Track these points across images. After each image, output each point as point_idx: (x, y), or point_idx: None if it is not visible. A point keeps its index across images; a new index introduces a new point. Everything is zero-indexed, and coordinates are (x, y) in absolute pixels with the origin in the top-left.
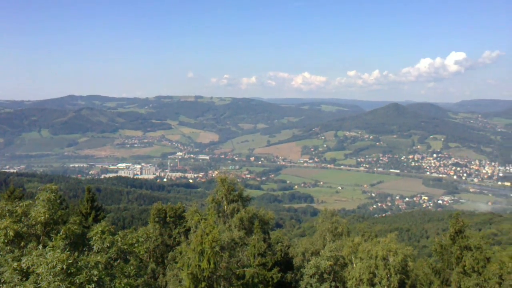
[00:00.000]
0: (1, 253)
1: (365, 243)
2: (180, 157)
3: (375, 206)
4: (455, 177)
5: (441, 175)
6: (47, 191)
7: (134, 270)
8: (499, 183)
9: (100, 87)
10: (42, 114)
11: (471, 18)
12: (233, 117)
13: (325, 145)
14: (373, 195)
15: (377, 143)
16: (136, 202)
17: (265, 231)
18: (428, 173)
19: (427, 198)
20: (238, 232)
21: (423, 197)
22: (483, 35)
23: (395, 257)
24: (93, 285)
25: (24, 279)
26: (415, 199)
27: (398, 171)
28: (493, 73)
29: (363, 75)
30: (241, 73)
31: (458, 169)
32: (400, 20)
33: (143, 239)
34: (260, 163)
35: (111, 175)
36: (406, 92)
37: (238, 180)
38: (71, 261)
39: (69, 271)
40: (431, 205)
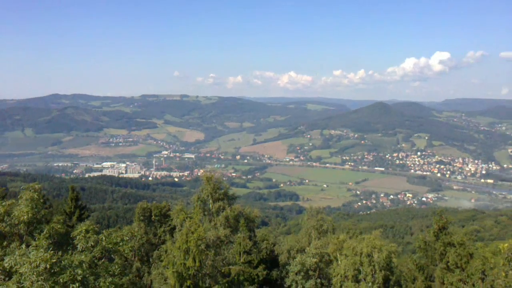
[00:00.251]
0: None
1: (350, 240)
2: (165, 155)
3: (360, 203)
4: (439, 174)
5: (425, 173)
6: (30, 190)
7: (119, 269)
8: (482, 180)
9: (84, 86)
10: (25, 113)
11: (456, 18)
12: (219, 116)
13: (310, 144)
14: (358, 192)
15: (362, 142)
16: (121, 201)
17: (250, 229)
18: (412, 171)
19: (411, 195)
20: (223, 230)
21: (408, 195)
22: (467, 35)
23: (379, 254)
24: (77, 285)
25: (7, 278)
26: (399, 196)
27: (383, 169)
28: (476, 73)
29: (349, 74)
30: (228, 72)
31: (442, 167)
32: (385, 20)
33: (128, 238)
34: (246, 161)
35: (96, 174)
36: (391, 91)
37: (224, 178)
38: (54, 261)
39: (52, 271)
40: (415, 202)
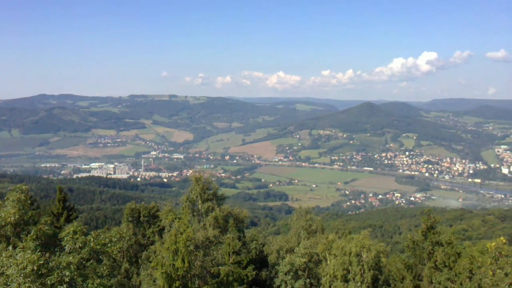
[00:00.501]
0: None
1: (339, 240)
2: (154, 156)
3: (349, 203)
4: (427, 174)
5: (413, 173)
6: (17, 191)
7: (107, 270)
8: (470, 180)
9: (72, 86)
10: (12, 113)
11: (443, 18)
12: (208, 116)
13: (299, 144)
14: (347, 192)
15: (351, 142)
16: (109, 202)
17: (240, 229)
18: (400, 170)
19: (399, 195)
20: (212, 230)
21: (396, 194)
22: (454, 35)
23: (368, 254)
24: (65, 286)
25: None
26: (388, 196)
27: (371, 169)
28: (463, 73)
29: (337, 74)
30: (216, 72)
31: (430, 166)
32: (373, 20)
33: (116, 239)
34: (235, 162)
35: (84, 174)
36: (379, 91)
37: (213, 179)
38: (42, 262)
39: (40, 272)
40: (404, 202)
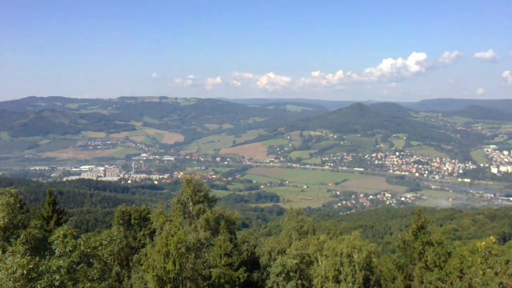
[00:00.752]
0: None
1: (330, 241)
2: (144, 158)
3: (340, 204)
4: (417, 174)
5: (403, 173)
6: (6, 195)
7: (98, 273)
8: (459, 179)
9: (61, 88)
10: (1, 116)
11: (432, 19)
12: (198, 117)
13: (290, 145)
14: (338, 193)
15: (341, 142)
16: (99, 204)
17: (231, 231)
18: (391, 171)
19: (390, 195)
20: (204, 232)
21: (387, 195)
22: (443, 36)
23: (359, 254)
24: None
25: None
26: (378, 196)
27: (362, 169)
28: (452, 73)
29: (327, 75)
30: (206, 74)
31: (420, 166)
32: (362, 21)
33: (107, 242)
34: (226, 163)
35: (74, 177)
36: (368, 92)
37: (204, 180)
38: (32, 266)
39: (30, 276)
40: (394, 202)
